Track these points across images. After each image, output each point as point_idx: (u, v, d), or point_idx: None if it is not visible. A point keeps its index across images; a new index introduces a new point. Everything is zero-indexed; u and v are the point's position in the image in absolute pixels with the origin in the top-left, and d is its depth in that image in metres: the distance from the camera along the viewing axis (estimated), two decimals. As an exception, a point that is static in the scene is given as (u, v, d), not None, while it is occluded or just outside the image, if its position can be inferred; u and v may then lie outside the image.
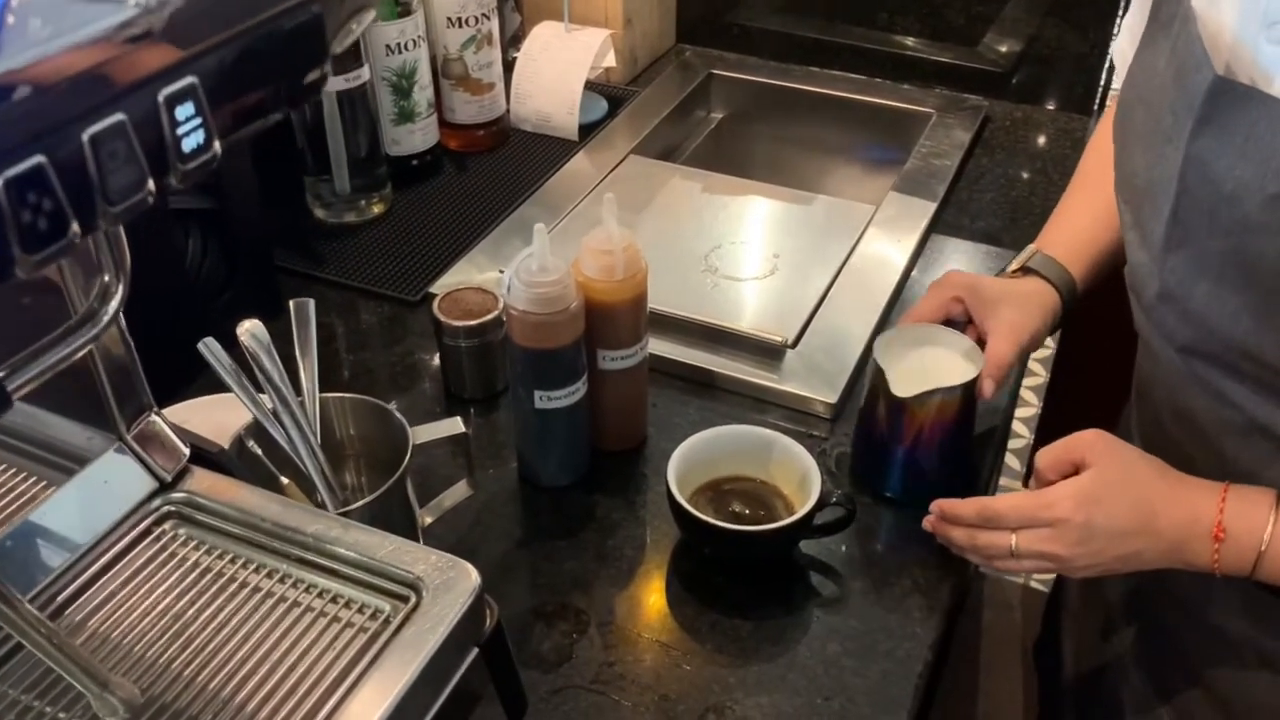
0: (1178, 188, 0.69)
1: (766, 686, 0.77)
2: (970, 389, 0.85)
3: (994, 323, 0.88)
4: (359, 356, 1.05)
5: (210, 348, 0.76)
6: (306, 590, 0.57)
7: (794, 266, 1.14)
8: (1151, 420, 0.84)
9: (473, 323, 0.96)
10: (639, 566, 0.85)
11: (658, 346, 1.03)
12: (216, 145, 0.42)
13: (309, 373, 0.80)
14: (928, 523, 0.83)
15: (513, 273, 0.82)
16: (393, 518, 0.79)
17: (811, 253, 1.17)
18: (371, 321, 1.10)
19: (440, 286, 1.08)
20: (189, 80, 0.40)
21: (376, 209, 1.22)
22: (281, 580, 0.58)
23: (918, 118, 1.40)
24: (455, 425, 0.81)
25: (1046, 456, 0.77)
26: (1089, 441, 0.75)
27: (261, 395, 0.77)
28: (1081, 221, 0.96)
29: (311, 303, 0.81)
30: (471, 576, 0.58)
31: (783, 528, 0.80)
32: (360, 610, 0.57)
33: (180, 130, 0.40)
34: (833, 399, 0.97)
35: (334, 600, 0.57)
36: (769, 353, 1.02)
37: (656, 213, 1.23)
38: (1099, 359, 1.10)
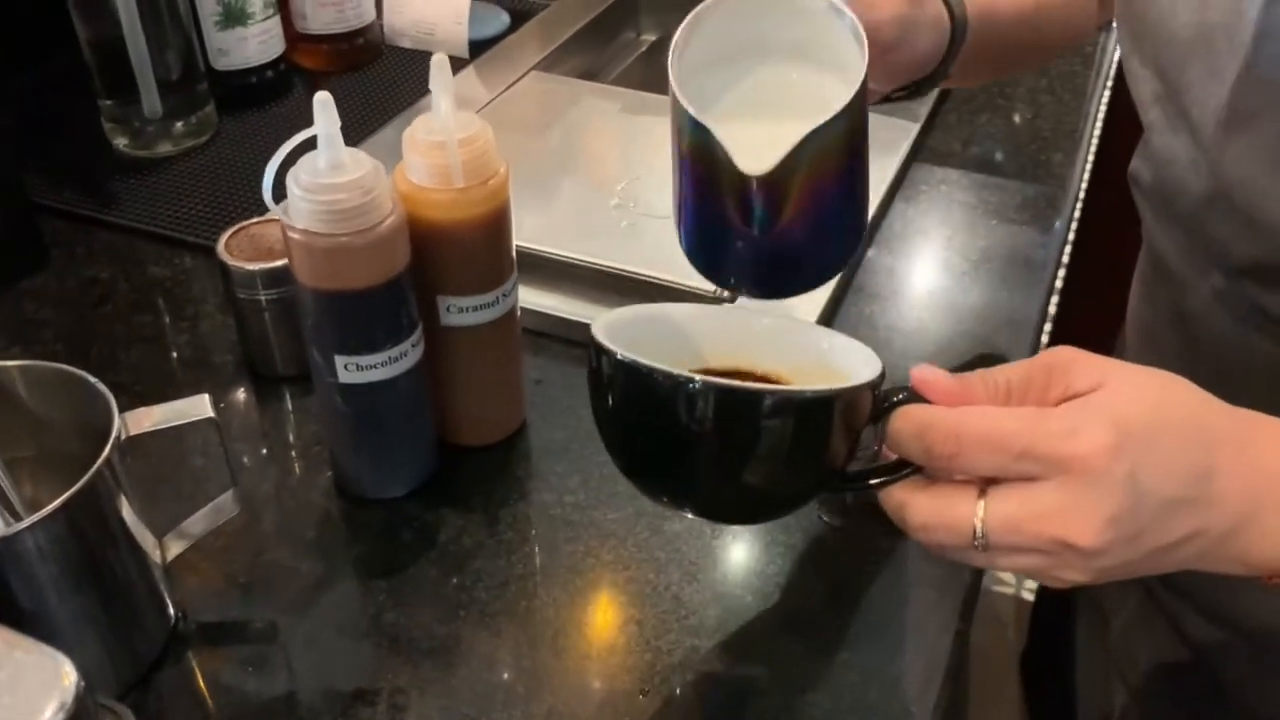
0: (1257, 27, 0.49)
1: (678, 809, 0.49)
2: (856, 106, 0.49)
3: None
4: (138, 321, 0.77)
5: None
6: None
7: (735, 201, 0.86)
8: None
9: (275, 264, 0.68)
10: (495, 618, 0.57)
11: (544, 301, 0.75)
12: None
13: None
14: None
15: (288, 176, 0.54)
16: (100, 548, 0.51)
17: (759, 185, 0.90)
18: (163, 276, 0.81)
19: (257, 228, 0.80)
20: None
21: (193, 138, 0.94)
22: None
23: (892, 32, 1.13)
24: (198, 406, 0.52)
25: (1005, 373, 0.44)
26: (1072, 359, 0.43)
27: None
28: None
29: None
30: (64, 677, 0.29)
31: (837, 392, 0.44)
32: None
33: None
34: (785, 370, 0.70)
35: None
36: (698, 309, 0.74)
37: (557, 136, 0.95)
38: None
